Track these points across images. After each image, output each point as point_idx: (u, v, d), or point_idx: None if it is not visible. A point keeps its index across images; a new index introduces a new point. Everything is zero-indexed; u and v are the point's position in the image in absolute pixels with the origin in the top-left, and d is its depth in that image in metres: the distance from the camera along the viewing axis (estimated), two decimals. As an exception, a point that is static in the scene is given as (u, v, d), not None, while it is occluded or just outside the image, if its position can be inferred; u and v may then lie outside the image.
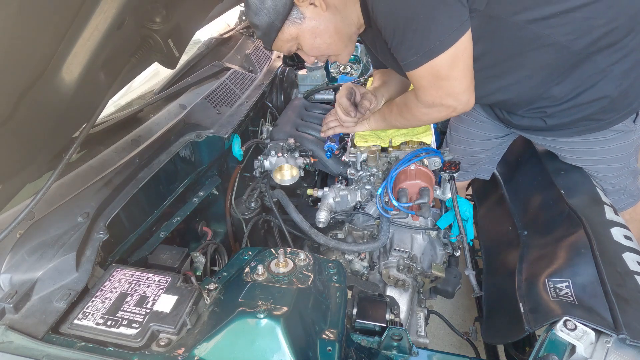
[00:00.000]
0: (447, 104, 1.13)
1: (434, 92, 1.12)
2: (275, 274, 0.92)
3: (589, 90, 1.17)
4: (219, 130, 1.50)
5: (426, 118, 1.25)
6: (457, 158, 1.68)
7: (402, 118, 1.32)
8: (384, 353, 0.92)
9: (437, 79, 1.08)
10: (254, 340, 0.77)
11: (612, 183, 1.39)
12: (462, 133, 1.66)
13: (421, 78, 1.10)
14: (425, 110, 1.20)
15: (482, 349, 1.58)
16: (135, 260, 1.16)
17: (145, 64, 1.25)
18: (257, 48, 2.16)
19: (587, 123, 1.24)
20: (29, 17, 0.67)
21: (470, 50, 1.05)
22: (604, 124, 1.23)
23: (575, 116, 1.24)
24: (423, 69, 1.06)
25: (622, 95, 1.16)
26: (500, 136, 1.60)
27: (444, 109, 1.16)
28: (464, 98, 1.12)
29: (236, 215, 1.42)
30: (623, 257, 1.04)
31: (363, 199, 1.43)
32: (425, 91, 1.14)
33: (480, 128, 1.60)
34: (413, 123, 1.33)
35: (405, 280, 1.26)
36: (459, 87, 1.10)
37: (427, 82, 1.10)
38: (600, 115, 1.21)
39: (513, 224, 1.43)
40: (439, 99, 1.13)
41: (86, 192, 1.08)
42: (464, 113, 1.62)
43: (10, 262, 0.89)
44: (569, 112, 1.23)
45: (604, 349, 0.86)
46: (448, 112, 1.17)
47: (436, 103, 1.15)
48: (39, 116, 0.88)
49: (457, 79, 1.08)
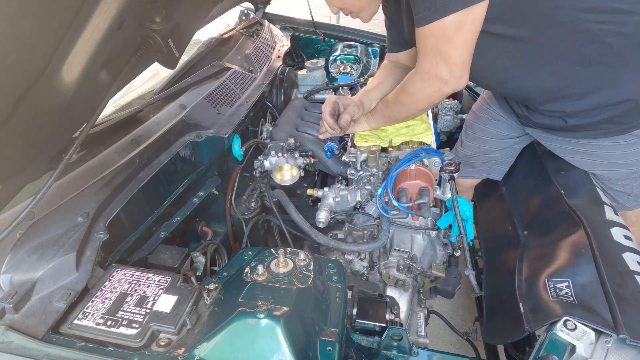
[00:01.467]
0: (440, 74, 1.12)
1: (432, 57, 1.11)
2: (275, 274, 0.92)
3: (614, 91, 1.16)
4: (219, 130, 1.50)
5: (419, 96, 1.22)
6: (471, 155, 1.70)
7: (397, 104, 1.31)
8: (384, 353, 0.93)
9: (440, 41, 1.07)
10: (254, 340, 0.77)
11: (619, 185, 1.38)
12: (478, 130, 1.66)
13: (426, 38, 1.10)
14: (419, 84, 1.19)
15: (482, 349, 1.58)
16: (135, 260, 1.16)
17: (145, 64, 1.25)
18: (257, 48, 2.16)
19: (609, 126, 1.23)
20: (29, 17, 0.67)
21: (478, 24, 1.05)
22: (626, 127, 1.21)
23: (597, 117, 1.22)
24: (431, 27, 1.05)
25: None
26: (514, 136, 1.59)
27: (436, 81, 1.14)
28: (458, 72, 1.11)
29: (236, 215, 1.42)
30: (623, 257, 1.04)
31: (363, 199, 1.43)
32: (425, 55, 1.13)
33: (495, 127, 1.60)
34: (408, 107, 1.30)
35: (405, 280, 1.26)
36: (457, 57, 1.09)
37: (430, 44, 1.10)
38: (624, 119, 1.20)
39: (513, 224, 1.43)
40: (435, 65, 1.12)
41: (86, 192, 1.08)
42: (480, 110, 1.63)
43: (10, 262, 0.89)
44: (592, 113, 1.22)
45: (604, 349, 0.86)
46: (440, 85, 1.15)
47: (431, 72, 1.13)
48: (39, 116, 0.88)
49: (457, 47, 1.07)
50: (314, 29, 2.64)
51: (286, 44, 2.47)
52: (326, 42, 2.66)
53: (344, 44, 2.47)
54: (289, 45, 2.47)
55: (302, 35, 2.69)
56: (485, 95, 1.65)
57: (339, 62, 2.35)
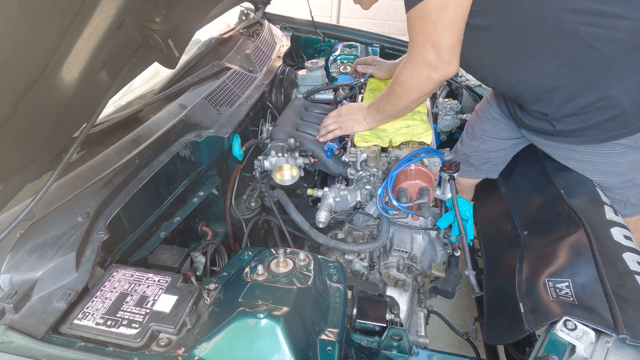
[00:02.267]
0: (429, 58, 1.12)
1: (420, 42, 1.12)
2: (275, 274, 0.92)
3: (601, 97, 1.15)
4: (219, 130, 1.50)
5: (410, 84, 1.23)
6: (469, 153, 1.72)
7: (390, 95, 1.32)
8: (384, 353, 0.93)
9: (425, 24, 1.08)
10: (254, 340, 0.77)
11: (614, 192, 1.38)
12: (477, 129, 1.68)
13: (413, 21, 1.10)
14: (409, 72, 1.19)
15: (482, 349, 1.58)
16: (135, 260, 1.16)
17: (145, 64, 1.25)
18: (257, 48, 2.16)
19: (597, 133, 1.23)
20: (29, 17, 0.67)
21: (463, 9, 1.05)
22: (613, 135, 1.21)
23: (584, 123, 1.22)
24: (416, 9, 1.06)
25: (635, 109, 1.15)
26: (512, 138, 1.60)
27: (425, 67, 1.14)
28: (446, 56, 1.11)
29: (236, 215, 1.42)
30: (623, 257, 1.04)
31: (363, 199, 1.43)
32: (414, 40, 1.14)
33: (494, 127, 1.62)
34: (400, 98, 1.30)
35: (405, 280, 1.26)
36: (444, 40, 1.09)
37: (417, 27, 1.10)
38: (609, 125, 1.20)
39: (513, 224, 1.43)
40: (423, 50, 1.12)
41: (86, 192, 1.08)
42: (482, 109, 1.65)
43: (10, 262, 0.89)
44: (579, 118, 1.22)
45: (604, 349, 0.86)
46: (428, 71, 1.15)
47: (419, 57, 1.14)
48: (39, 116, 0.88)
49: (444, 28, 1.07)
50: (314, 29, 2.64)
51: (286, 44, 2.47)
52: (326, 42, 2.66)
53: (344, 44, 2.46)
54: (289, 45, 2.47)
55: (302, 35, 2.69)
56: (488, 95, 1.66)
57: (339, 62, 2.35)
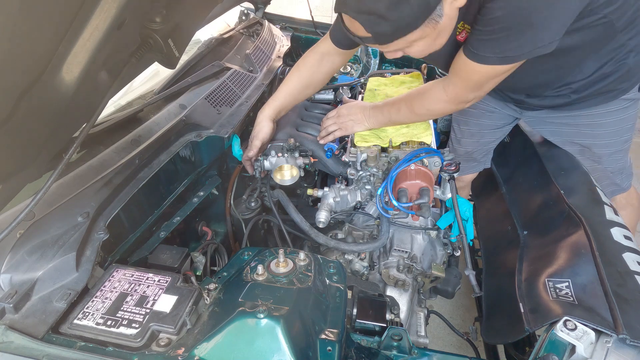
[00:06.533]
0: (469, 99, 1.23)
1: (472, 88, 1.19)
2: (275, 274, 0.92)
3: (612, 62, 1.22)
4: (219, 130, 1.50)
5: (439, 112, 1.33)
6: (472, 150, 1.73)
7: (411, 113, 1.36)
8: (384, 353, 0.92)
9: (486, 80, 1.15)
10: (254, 340, 0.77)
11: (614, 159, 1.43)
12: (473, 126, 1.70)
13: (475, 73, 1.13)
14: (444, 105, 1.27)
15: (482, 349, 1.58)
16: (135, 260, 1.16)
17: (145, 64, 1.25)
18: (257, 48, 2.16)
19: (605, 93, 1.29)
20: (29, 17, 0.67)
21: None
22: (618, 92, 1.29)
23: (595, 87, 1.28)
24: (487, 67, 1.09)
25: (636, 63, 1.23)
26: (508, 123, 1.66)
27: (462, 104, 1.26)
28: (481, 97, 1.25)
29: (236, 215, 1.42)
30: (623, 257, 1.04)
31: (363, 199, 1.43)
32: (466, 86, 1.19)
33: (490, 119, 1.65)
34: (421, 117, 1.39)
35: (405, 280, 1.26)
36: (488, 90, 1.20)
37: (476, 78, 1.15)
38: (617, 85, 1.27)
39: (513, 224, 1.43)
40: (468, 92, 1.20)
41: (86, 192, 1.08)
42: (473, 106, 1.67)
43: (10, 262, 0.89)
44: (592, 85, 1.28)
45: (604, 349, 0.86)
46: (457, 108, 1.29)
47: (462, 98, 1.22)
48: (39, 116, 0.88)
49: (493, 85, 1.17)
50: (314, 29, 2.64)
51: (286, 44, 2.47)
52: (326, 42, 2.65)
53: (344, 44, 2.46)
54: (289, 45, 2.47)
55: (302, 35, 2.69)
56: None
57: (339, 62, 2.34)
